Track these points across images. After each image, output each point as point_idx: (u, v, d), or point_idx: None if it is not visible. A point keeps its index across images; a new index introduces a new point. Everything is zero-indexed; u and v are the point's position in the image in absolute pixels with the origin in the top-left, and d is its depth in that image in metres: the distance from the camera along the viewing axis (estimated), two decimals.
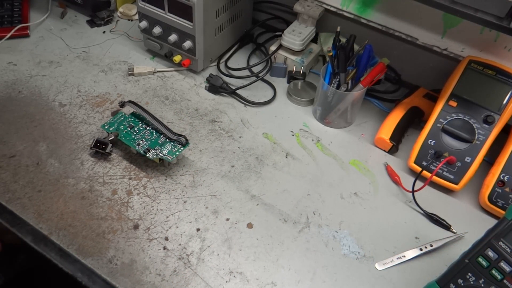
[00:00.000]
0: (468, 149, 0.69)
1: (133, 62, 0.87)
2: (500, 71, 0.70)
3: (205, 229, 0.62)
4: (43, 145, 0.70)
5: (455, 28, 0.77)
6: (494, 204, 0.67)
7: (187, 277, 0.57)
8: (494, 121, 0.68)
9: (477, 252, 0.52)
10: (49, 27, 0.93)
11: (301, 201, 0.67)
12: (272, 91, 0.84)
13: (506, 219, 0.52)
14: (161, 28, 0.81)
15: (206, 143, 0.74)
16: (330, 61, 0.75)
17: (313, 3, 0.86)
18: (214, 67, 0.88)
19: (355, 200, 0.68)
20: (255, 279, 0.58)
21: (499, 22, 0.60)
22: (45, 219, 0.61)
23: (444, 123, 0.70)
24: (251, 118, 0.79)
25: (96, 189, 0.65)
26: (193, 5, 0.74)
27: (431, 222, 0.67)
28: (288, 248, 0.62)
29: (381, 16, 0.83)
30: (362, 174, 0.72)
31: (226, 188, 0.68)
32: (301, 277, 0.59)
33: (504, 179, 0.67)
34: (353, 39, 0.74)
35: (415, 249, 0.62)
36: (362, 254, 0.62)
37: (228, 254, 0.60)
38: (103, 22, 0.94)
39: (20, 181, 0.65)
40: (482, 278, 0.51)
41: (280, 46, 0.87)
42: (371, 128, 0.80)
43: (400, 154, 0.76)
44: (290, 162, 0.73)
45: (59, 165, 0.68)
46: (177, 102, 0.80)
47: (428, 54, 0.82)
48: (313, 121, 0.80)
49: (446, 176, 0.69)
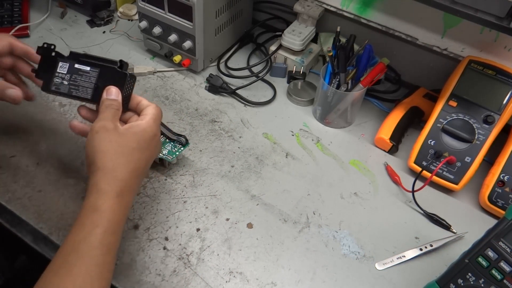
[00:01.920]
0: (468, 149, 0.69)
1: (133, 62, 0.87)
2: (500, 71, 0.70)
3: (205, 229, 0.62)
4: (43, 145, 0.70)
5: (455, 28, 0.77)
6: (494, 204, 0.67)
7: (187, 277, 0.57)
8: (494, 121, 0.68)
9: (477, 252, 0.52)
10: (49, 27, 0.93)
11: (301, 201, 0.67)
12: (272, 91, 0.84)
13: (506, 219, 0.52)
14: (161, 28, 0.81)
15: (206, 143, 0.74)
16: (330, 61, 0.75)
17: (313, 3, 0.86)
18: (214, 67, 0.88)
19: (355, 200, 0.68)
20: (255, 279, 0.58)
21: (499, 22, 0.60)
22: (45, 219, 0.61)
23: (444, 123, 0.70)
24: (251, 118, 0.79)
25: None
26: (193, 5, 0.74)
27: (431, 222, 0.67)
28: (288, 248, 0.62)
29: (381, 16, 0.83)
30: (362, 174, 0.72)
31: (226, 188, 0.68)
32: (301, 277, 0.59)
33: (504, 179, 0.67)
34: (353, 39, 0.74)
35: (415, 249, 0.63)
36: (362, 254, 0.62)
37: (228, 254, 0.60)
38: (103, 22, 0.94)
39: (20, 181, 0.65)
40: (482, 278, 0.51)
41: (280, 46, 0.87)
42: (371, 128, 0.80)
43: (400, 154, 0.76)
44: (290, 162, 0.73)
45: (59, 165, 0.68)
46: (177, 102, 0.80)
47: (428, 54, 0.82)
48: (313, 121, 0.80)
49: (446, 176, 0.69)
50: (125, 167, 0.51)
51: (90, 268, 0.46)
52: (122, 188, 0.50)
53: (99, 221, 0.48)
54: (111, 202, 0.49)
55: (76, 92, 0.58)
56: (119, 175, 0.51)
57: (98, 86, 0.57)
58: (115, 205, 0.49)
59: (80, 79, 0.58)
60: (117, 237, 0.50)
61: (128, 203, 0.52)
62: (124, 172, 0.51)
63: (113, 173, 0.50)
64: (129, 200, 0.52)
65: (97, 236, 0.47)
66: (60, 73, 0.59)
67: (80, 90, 0.58)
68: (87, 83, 0.58)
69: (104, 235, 0.47)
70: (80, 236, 0.47)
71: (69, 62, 0.59)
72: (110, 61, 0.58)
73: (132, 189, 0.53)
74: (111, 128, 0.52)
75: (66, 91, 0.59)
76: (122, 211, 0.50)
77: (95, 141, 0.52)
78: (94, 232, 0.47)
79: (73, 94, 0.58)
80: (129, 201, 0.52)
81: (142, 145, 0.54)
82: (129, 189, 0.52)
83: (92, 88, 0.58)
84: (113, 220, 0.49)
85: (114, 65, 0.57)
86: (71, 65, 0.59)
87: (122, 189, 0.50)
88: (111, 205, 0.49)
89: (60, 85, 0.59)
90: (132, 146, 0.53)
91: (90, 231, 0.47)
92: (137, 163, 0.53)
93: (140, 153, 0.53)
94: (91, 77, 0.58)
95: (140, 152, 0.53)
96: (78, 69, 0.58)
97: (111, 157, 0.51)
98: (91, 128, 0.53)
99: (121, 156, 0.51)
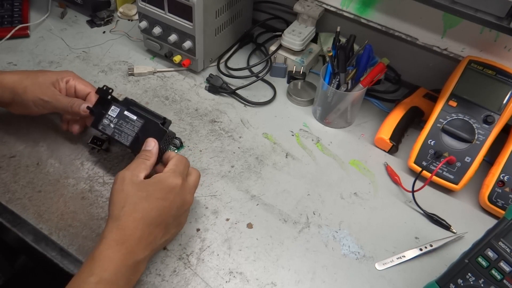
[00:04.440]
0: (468, 149, 0.69)
1: (133, 62, 0.87)
2: (500, 71, 0.70)
3: (205, 229, 0.62)
4: (43, 145, 0.70)
5: (455, 28, 0.77)
6: (494, 204, 0.67)
7: (187, 277, 0.57)
8: (494, 121, 0.68)
9: (477, 252, 0.52)
10: (49, 27, 0.93)
11: (301, 201, 0.67)
12: (272, 91, 0.84)
13: (506, 219, 0.52)
14: (161, 28, 0.81)
15: (206, 143, 0.74)
16: (330, 61, 0.75)
17: (313, 3, 0.86)
18: (214, 67, 0.88)
19: (355, 200, 0.69)
20: (255, 279, 0.58)
21: (499, 22, 0.60)
22: (45, 219, 0.61)
23: (444, 123, 0.70)
24: (251, 118, 0.79)
25: (96, 189, 0.65)
26: (193, 5, 0.74)
27: (431, 222, 0.67)
28: (288, 248, 0.62)
29: (381, 16, 0.83)
30: (362, 174, 0.72)
31: (226, 188, 0.68)
32: (301, 277, 0.59)
33: (504, 179, 0.67)
34: (353, 39, 0.74)
35: (415, 249, 0.63)
36: (362, 254, 0.62)
37: (228, 254, 0.60)
38: (103, 22, 0.94)
39: (20, 181, 0.65)
40: (482, 278, 0.51)
41: (280, 46, 0.87)
42: (371, 128, 0.80)
43: (400, 154, 0.76)
44: (290, 162, 0.73)
45: (59, 165, 0.68)
46: (177, 102, 0.80)
47: (428, 54, 0.82)
48: (313, 121, 0.80)
49: (446, 176, 0.69)
50: (130, 215, 0.50)
51: None
52: (124, 236, 0.49)
53: (94, 270, 0.46)
54: (108, 251, 0.48)
55: (118, 136, 0.63)
56: (121, 223, 0.49)
57: (138, 136, 0.62)
58: (114, 254, 0.48)
59: (125, 126, 0.63)
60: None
61: (134, 254, 0.49)
62: (128, 220, 0.49)
63: (117, 221, 0.49)
64: (135, 250, 0.49)
65: (90, 285, 0.46)
66: (110, 115, 0.64)
67: (122, 136, 0.63)
68: (130, 131, 0.63)
69: (97, 285, 0.46)
70: (75, 283, 0.47)
71: (120, 108, 0.64)
72: (156, 115, 0.62)
73: (140, 239, 0.50)
74: (129, 177, 0.53)
75: (110, 133, 0.64)
76: (122, 261, 0.48)
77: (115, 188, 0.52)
78: (88, 281, 0.46)
79: (115, 137, 0.63)
80: (136, 252, 0.49)
81: (155, 195, 0.52)
82: (134, 238, 0.49)
83: (133, 137, 0.62)
84: (110, 269, 0.47)
85: (158, 121, 0.61)
86: (122, 111, 0.64)
87: (124, 237, 0.49)
88: (108, 254, 0.47)
89: (107, 127, 0.64)
90: (141, 195, 0.51)
91: (84, 279, 0.46)
92: (144, 212, 0.51)
93: (150, 202, 0.51)
94: (135, 126, 0.62)
95: (150, 202, 0.51)
96: (126, 116, 0.63)
97: (118, 206, 0.50)
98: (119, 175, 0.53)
99: (128, 205, 0.50)
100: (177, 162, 0.57)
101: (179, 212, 0.55)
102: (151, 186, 0.53)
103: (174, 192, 0.53)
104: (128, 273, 0.49)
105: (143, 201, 0.51)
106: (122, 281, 0.48)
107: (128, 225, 0.49)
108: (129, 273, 0.49)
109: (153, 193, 0.52)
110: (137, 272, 0.51)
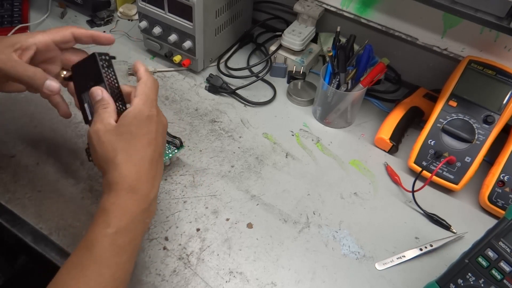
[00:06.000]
0: (468, 149, 0.69)
1: (133, 62, 0.86)
2: (500, 71, 0.70)
3: (205, 229, 0.62)
4: (43, 145, 0.70)
5: (455, 28, 0.77)
6: (494, 204, 0.67)
7: (187, 277, 0.57)
8: (494, 121, 0.68)
9: (477, 252, 0.52)
10: (49, 27, 0.92)
11: (301, 201, 0.67)
12: (272, 91, 0.84)
13: (506, 219, 0.52)
14: (161, 28, 0.81)
15: (206, 143, 0.74)
16: (330, 61, 0.75)
17: (313, 3, 0.86)
18: (214, 67, 0.88)
19: (355, 200, 0.68)
20: (255, 279, 0.58)
21: (499, 22, 0.60)
22: (45, 219, 0.61)
23: (444, 123, 0.70)
24: (251, 118, 0.79)
25: (96, 189, 0.65)
26: (193, 5, 0.74)
27: (431, 222, 0.67)
28: (288, 248, 0.62)
29: (381, 16, 0.83)
30: (362, 174, 0.72)
31: (226, 188, 0.68)
32: (301, 277, 0.59)
33: (504, 179, 0.67)
34: (353, 39, 0.74)
35: (415, 249, 0.62)
36: (362, 254, 0.62)
37: (228, 254, 0.60)
38: (103, 22, 0.94)
39: (20, 181, 0.65)
40: (482, 278, 0.51)
41: (280, 46, 0.87)
42: (371, 128, 0.80)
43: (400, 154, 0.76)
44: (290, 162, 0.73)
45: (59, 165, 0.68)
46: (177, 102, 0.80)
47: (428, 54, 0.82)
48: (313, 121, 0.80)
49: (446, 176, 0.69)
50: (128, 161, 0.48)
51: (102, 270, 0.45)
52: (131, 183, 0.47)
53: (109, 221, 0.46)
54: (121, 201, 0.47)
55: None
56: (123, 172, 0.48)
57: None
58: (127, 202, 0.47)
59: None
60: (133, 235, 0.47)
61: (146, 196, 0.49)
62: (128, 167, 0.48)
63: (117, 171, 0.48)
64: (147, 192, 0.49)
65: (108, 237, 0.45)
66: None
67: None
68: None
69: (115, 236, 0.45)
70: (92, 236, 0.46)
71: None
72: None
73: (147, 179, 0.49)
74: (103, 129, 0.49)
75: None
76: (137, 207, 0.48)
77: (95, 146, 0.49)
78: (105, 232, 0.45)
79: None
80: (147, 194, 0.49)
81: (140, 132, 0.49)
82: (142, 181, 0.48)
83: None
84: (127, 218, 0.47)
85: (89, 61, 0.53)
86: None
87: (131, 184, 0.47)
88: (120, 203, 0.47)
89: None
90: (127, 138, 0.49)
91: (101, 231, 0.46)
92: (140, 152, 0.49)
93: (139, 141, 0.49)
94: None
95: (139, 140, 0.49)
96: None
97: (110, 158, 0.48)
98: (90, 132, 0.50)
99: (120, 153, 0.48)
100: (143, 89, 0.53)
101: (163, 136, 0.54)
102: (131, 126, 0.50)
103: (154, 121, 0.51)
104: (143, 217, 0.49)
105: (132, 143, 0.49)
106: (140, 227, 0.48)
107: (130, 171, 0.48)
108: (144, 217, 0.49)
109: (137, 131, 0.50)
110: (152, 212, 0.50)
